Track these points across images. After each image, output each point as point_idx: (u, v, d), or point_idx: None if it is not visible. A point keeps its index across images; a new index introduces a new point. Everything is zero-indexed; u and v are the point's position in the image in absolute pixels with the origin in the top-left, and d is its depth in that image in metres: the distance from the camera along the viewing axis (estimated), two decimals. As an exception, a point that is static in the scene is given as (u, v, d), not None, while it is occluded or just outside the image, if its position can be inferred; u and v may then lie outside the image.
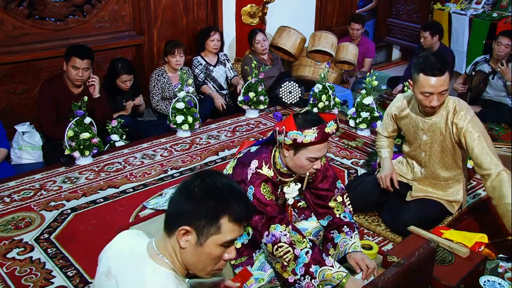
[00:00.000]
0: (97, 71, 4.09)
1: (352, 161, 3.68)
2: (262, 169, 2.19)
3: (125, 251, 1.44)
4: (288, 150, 2.13)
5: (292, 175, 2.28)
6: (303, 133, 2.03)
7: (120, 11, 4.56)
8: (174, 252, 1.38)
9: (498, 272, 2.32)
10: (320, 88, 4.36)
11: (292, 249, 2.12)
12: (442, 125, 2.60)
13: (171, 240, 1.37)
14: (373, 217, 2.91)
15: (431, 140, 2.68)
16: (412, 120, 2.73)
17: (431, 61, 2.44)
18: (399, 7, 6.96)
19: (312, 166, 2.14)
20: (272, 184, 2.20)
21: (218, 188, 1.34)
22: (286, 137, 2.06)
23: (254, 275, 2.25)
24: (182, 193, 1.36)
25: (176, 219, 1.35)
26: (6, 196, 3.12)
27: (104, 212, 2.97)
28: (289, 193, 2.31)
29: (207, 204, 1.32)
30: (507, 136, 4.40)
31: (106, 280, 1.41)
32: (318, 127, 2.04)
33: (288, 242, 2.12)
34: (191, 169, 3.51)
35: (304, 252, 2.14)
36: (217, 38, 4.71)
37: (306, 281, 2.12)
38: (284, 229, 2.13)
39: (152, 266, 1.36)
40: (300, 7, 5.76)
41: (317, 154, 2.10)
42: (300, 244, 2.15)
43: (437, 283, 2.10)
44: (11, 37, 4.03)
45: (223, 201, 1.33)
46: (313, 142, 2.05)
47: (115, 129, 3.77)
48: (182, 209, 1.34)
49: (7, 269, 2.45)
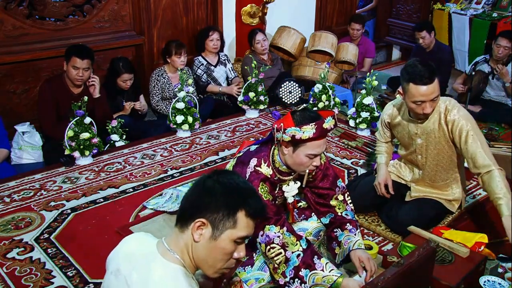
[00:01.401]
0: (97, 71, 4.09)
1: (352, 161, 3.68)
2: (261, 167, 2.19)
3: (134, 252, 1.44)
4: (287, 147, 2.13)
5: (291, 174, 2.28)
6: (302, 129, 2.03)
7: (120, 11, 4.56)
8: (186, 248, 1.39)
9: (498, 272, 2.32)
10: (320, 88, 4.36)
11: (284, 251, 2.12)
12: (436, 127, 2.59)
13: (184, 235, 1.38)
14: (373, 217, 2.91)
15: (426, 143, 2.67)
16: (404, 126, 2.72)
17: (419, 69, 2.41)
18: (399, 7, 6.96)
19: (312, 163, 2.14)
20: (270, 184, 2.20)
21: (237, 185, 1.38)
22: (284, 134, 2.06)
23: (254, 275, 2.26)
24: (199, 188, 1.38)
25: (192, 212, 1.36)
26: (6, 196, 3.12)
27: (104, 212, 2.97)
28: (289, 191, 2.31)
29: (226, 197, 1.35)
30: (507, 136, 4.40)
31: (114, 279, 1.42)
32: (316, 122, 2.04)
33: (281, 244, 2.12)
34: (191, 169, 3.51)
35: (296, 255, 2.12)
36: (216, 38, 4.71)
37: (295, 284, 2.10)
38: (278, 231, 2.13)
39: (161, 262, 1.37)
40: (300, 7, 5.76)
41: (316, 151, 2.10)
42: (292, 247, 2.13)
43: (437, 283, 2.10)
44: (11, 37, 4.03)
45: (241, 196, 1.37)
46: (311, 138, 2.05)
47: (115, 129, 3.77)
48: (199, 203, 1.36)
49: (7, 269, 2.45)
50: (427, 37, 5.15)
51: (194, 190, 1.39)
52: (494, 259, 2.42)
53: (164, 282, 1.33)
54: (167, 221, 2.83)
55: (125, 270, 1.40)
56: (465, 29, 6.02)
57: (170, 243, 1.40)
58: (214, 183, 1.37)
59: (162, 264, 1.36)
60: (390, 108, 2.83)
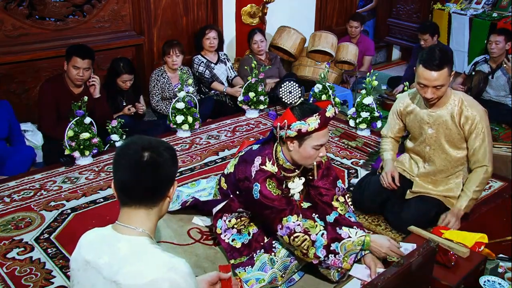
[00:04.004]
0: (97, 71, 4.09)
1: (352, 161, 3.68)
2: (266, 166, 2.23)
3: (93, 239, 1.49)
4: (292, 143, 2.17)
5: (295, 170, 2.31)
6: (306, 122, 2.09)
7: (120, 11, 4.57)
8: (153, 217, 1.47)
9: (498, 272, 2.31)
10: (320, 88, 4.36)
11: (308, 236, 2.19)
12: (448, 118, 2.64)
13: (155, 209, 1.46)
14: (373, 217, 2.91)
15: (436, 134, 2.71)
16: (417, 114, 2.76)
17: (433, 55, 2.49)
18: (399, 7, 6.96)
19: (318, 155, 2.20)
20: (276, 180, 2.24)
21: (161, 142, 1.48)
22: (289, 129, 2.11)
23: (255, 275, 2.27)
24: (155, 166, 1.42)
25: (167, 185, 1.45)
26: (6, 196, 3.12)
27: (104, 212, 2.97)
28: (294, 188, 2.37)
29: (169, 154, 1.46)
30: (507, 136, 4.40)
31: (84, 274, 1.44)
32: (319, 113, 2.10)
33: (303, 230, 2.18)
34: (191, 169, 3.51)
35: (320, 235, 2.20)
36: (213, 36, 4.70)
37: (331, 259, 2.19)
38: (296, 219, 2.19)
39: (125, 238, 1.42)
40: (300, 7, 5.76)
41: (322, 141, 2.17)
42: (314, 229, 2.21)
43: (437, 283, 2.10)
44: (11, 37, 4.03)
45: (168, 145, 1.49)
46: (317, 129, 2.10)
47: (115, 129, 3.77)
48: (170, 173, 1.45)
49: (7, 269, 2.45)
50: (429, 40, 5.20)
51: (149, 171, 1.41)
52: (494, 259, 2.42)
53: (133, 254, 1.38)
54: (166, 221, 2.83)
55: (91, 258, 1.43)
56: (465, 30, 6.02)
57: (130, 222, 1.44)
58: (156, 155, 1.41)
59: (126, 240, 1.41)
60: (405, 96, 2.88)
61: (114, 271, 1.37)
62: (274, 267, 2.27)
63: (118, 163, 1.44)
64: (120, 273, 1.36)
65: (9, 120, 3.60)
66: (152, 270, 1.34)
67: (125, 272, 1.35)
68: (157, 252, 1.39)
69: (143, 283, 1.33)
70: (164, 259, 1.37)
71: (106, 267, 1.39)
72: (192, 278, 1.39)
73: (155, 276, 1.33)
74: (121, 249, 1.40)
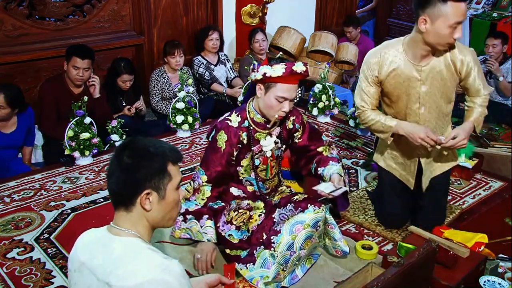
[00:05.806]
0: (97, 71, 4.09)
1: (352, 161, 3.68)
2: (231, 117, 2.42)
3: (89, 241, 1.50)
4: (260, 89, 2.32)
5: (267, 126, 2.43)
6: (272, 67, 2.23)
7: (120, 11, 4.57)
8: (139, 221, 1.45)
9: (498, 272, 2.32)
10: (320, 88, 4.36)
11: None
12: (443, 67, 2.37)
13: (133, 213, 1.44)
14: (373, 217, 2.90)
15: (430, 89, 2.39)
16: (402, 73, 2.38)
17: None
18: (399, 7, 6.96)
19: (281, 108, 2.30)
20: (234, 133, 2.38)
21: (149, 145, 1.45)
22: (257, 72, 2.26)
23: (258, 272, 2.27)
24: (120, 170, 1.42)
25: (130, 192, 1.43)
26: (6, 196, 3.12)
27: (104, 212, 2.97)
28: (266, 145, 2.48)
29: (151, 162, 1.42)
30: (507, 136, 4.40)
31: (80, 275, 1.45)
32: (287, 63, 2.24)
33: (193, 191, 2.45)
34: (191, 169, 3.51)
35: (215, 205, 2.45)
36: (215, 38, 4.70)
37: None
38: (202, 182, 2.43)
39: (119, 240, 1.42)
40: (300, 7, 5.76)
41: (286, 94, 2.27)
42: (199, 195, 2.43)
43: (437, 283, 2.10)
44: (11, 37, 4.03)
45: (161, 152, 1.45)
46: (281, 78, 2.22)
47: (115, 129, 3.77)
48: (132, 180, 1.41)
49: (7, 269, 2.45)
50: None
51: (117, 174, 1.42)
52: (494, 259, 2.42)
53: (126, 255, 1.38)
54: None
55: (86, 259, 1.44)
56: (465, 29, 6.02)
57: (121, 224, 1.45)
58: (130, 159, 1.41)
59: (120, 241, 1.42)
60: (374, 55, 2.45)
61: (107, 272, 1.36)
62: (275, 262, 2.27)
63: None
64: (112, 274, 1.35)
65: (29, 126, 3.61)
66: (145, 271, 1.33)
67: (118, 274, 1.35)
68: (150, 253, 1.39)
69: (135, 284, 1.32)
70: (157, 260, 1.37)
71: (99, 268, 1.39)
72: (185, 278, 1.39)
73: (148, 277, 1.32)
74: (115, 250, 1.40)
